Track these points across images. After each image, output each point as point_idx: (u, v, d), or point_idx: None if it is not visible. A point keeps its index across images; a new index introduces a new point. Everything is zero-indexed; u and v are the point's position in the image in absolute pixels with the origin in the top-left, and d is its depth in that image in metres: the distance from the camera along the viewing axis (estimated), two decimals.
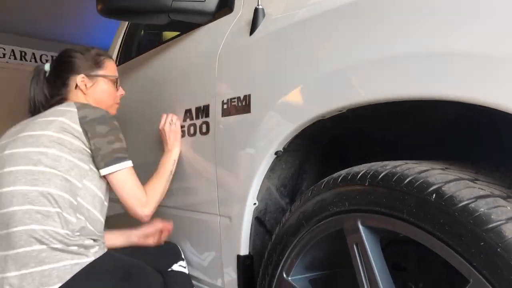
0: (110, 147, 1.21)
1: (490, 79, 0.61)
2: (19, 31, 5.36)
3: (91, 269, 1.11)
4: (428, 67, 0.68)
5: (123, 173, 1.22)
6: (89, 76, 1.38)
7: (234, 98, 1.13)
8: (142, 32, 2.06)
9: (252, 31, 1.11)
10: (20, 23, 5.06)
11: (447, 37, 0.67)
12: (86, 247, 1.13)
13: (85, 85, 1.37)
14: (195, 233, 1.38)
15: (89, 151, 1.20)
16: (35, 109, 1.37)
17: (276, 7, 1.10)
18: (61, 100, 1.36)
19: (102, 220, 1.24)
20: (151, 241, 1.41)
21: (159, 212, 1.45)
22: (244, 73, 1.12)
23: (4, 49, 5.43)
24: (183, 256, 1.39)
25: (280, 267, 0.95)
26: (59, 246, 1.09)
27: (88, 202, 1.18)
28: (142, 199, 1.24)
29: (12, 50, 5.50)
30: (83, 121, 1.20)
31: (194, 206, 1.36)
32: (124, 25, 2.19)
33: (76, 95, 1.36)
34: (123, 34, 2.16)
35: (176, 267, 1.34)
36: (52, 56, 5.77)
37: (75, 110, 1.22)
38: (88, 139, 1.19)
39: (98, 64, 1.41)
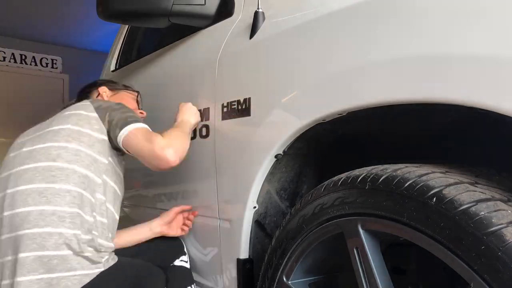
0: (124, 115, 1.20)
1: (491, 82, 0.61)
2: (19, 35, 5.37)
3: (100, 281, 1.09)
4: (429, 70, 0.68)
5: (137, 130, 1.17)
6: (111, 89, 1.50)
7: (234, 101, 1.13)
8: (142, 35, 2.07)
9: (252, 34, 1.11)
10: (20, 27, 5.07)
11: (447, 40, 0.67)
12: (99, 252, 1.11)
13: (106, 94, 1.47)
14: (195, 236, 1.38)
15: (107, 135, 1.20)
16: None
17: (276, 11, 1.10)
18: None
19: (117, 217, 1.23)
20: (173, 230, 1.38)
21: (158, 216, 1.45)
22: (244, 76, 1.12)
23: (4, 52, 5.44)
24: (185, 250, 1.39)
25: (280, 271, 0.95)
26: (71, 252, 1.06)
27: (108, 199, 1.17)
28: (159, 140, 1.13)
29: (12, 53, 5.51)
30: (98, 109, 1.22)
31: (194, 209, 1.36)
32: (124, 28, 2.19)
33: None
34: (123, 37, 2.17)
35: (177, 262, 1.34)
36: (52, 60, 5.79)
37: (89, 103, 1.25)
38: (106, 118, 1.19)
39: (119, 84, 1.58)
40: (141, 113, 1.50)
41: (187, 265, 1.36)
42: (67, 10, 4.55)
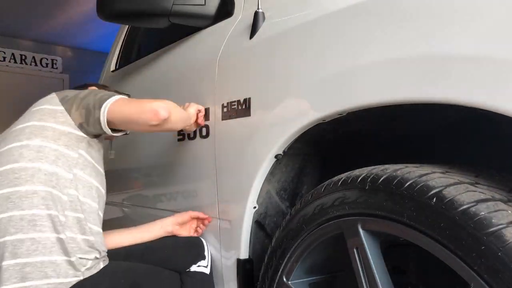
0: (98, 96, 1.13)
1: (490, 82, 0.61)
2: (19, 35, 5.37)
3: None
4: (428, 70, 0.68)
5: (117, 100, 1.12)
6: (100, 88, 1.38)
7: (234, 101, 1.13)
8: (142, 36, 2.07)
9: (252, 34, 1.11)
10: (20, 27, 5.07)
11: (448, 40, 0.67)
12: (78, 259, 1.04)
13: None
14: None
15: (78, 130, 1.11)
16: None
17: (276, 11, 1.10)
18: None
19: (101, 214, 1.15)
20: (186, 231, 1.32)
21: (158, 216, 1.45)
22: (244, 76, 1.12)
23: (4, 53, 5.44)
24: (205, 254, 1.26)
25: (280, 271, 0.95)
26: (45, 258, 1.00)
27: (83, 193, 1.09)
28: (145, 99, 1.12)
29: (12, 54, 5.51)
30: (64, 101, 1.14)
31: (194, 209, 1.36)
32: (124, 28, 2.19)
33: None
34: (123, 37, 2.17)
35: (194, 267, 1.24)
36: (52, 60, 5.80)
37: (55, 95, 1.18)
38: (74, 109, 1.11)
39: (110, 88, 1.45)
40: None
41: (207, 270, 1.25)
42: (67, 10, 4.56)
